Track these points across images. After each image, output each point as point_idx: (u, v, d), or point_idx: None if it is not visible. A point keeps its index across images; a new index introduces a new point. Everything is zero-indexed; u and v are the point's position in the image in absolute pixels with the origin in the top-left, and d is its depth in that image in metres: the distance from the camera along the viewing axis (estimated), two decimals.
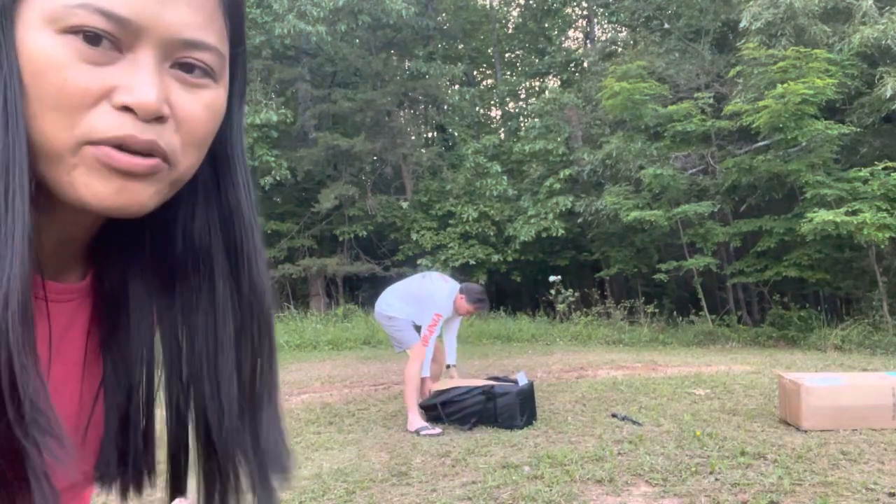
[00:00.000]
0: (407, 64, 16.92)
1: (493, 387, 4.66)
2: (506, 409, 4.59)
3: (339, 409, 5.57)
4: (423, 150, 16.49)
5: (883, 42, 9.70)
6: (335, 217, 15.16)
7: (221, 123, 0.53)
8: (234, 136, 0.56)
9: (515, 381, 4.80)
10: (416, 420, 4.70)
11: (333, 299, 15.39)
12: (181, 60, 0.47)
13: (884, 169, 9.40)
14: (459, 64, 16.93)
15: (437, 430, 4.58)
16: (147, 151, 0.45)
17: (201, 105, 0.48)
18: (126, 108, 0.44)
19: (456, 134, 16.86)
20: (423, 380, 5.03)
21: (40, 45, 0.43)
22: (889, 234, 8.98)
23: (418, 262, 14.32)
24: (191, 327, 0.58)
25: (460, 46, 19.39)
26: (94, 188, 0.45)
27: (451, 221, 14.60)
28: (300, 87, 14.92)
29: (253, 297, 0.57)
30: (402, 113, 17.15)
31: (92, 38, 0.43)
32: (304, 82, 14.95)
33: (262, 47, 13.94)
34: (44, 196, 0.47)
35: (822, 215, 9.07)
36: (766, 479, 3.33)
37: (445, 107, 16.83)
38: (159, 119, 0.45)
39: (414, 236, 14.65)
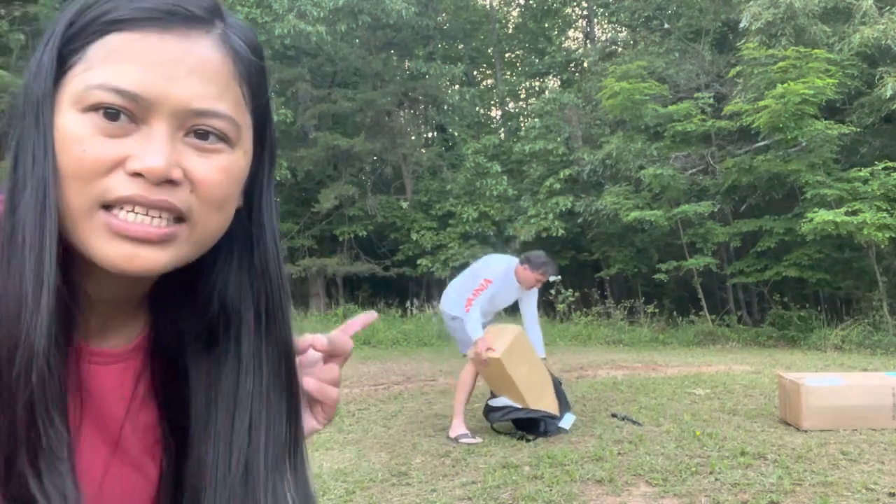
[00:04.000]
0: (407, 64, 16.91)
1: (546, 421, 4.47)
2: (533, 430, 4.48)
3: (339, 409, 5.55)
4: (423, 150, 16.48)
5: (883, 42, 9.70)
6: (335, 217, 15.16)
7: (250, 189, 0.57)
8: (263, 201, 0.59)
9: (559, 417, 4.57)
10: (459, 426, 4.48)
11: (333, 299, 15.39)
12: (196, 128, 0.51)
13: (884, 169, 9.40)
14: (459, 64, 16.90)
15: (478, 438, 4.38)
16: (160, 210, 0.49)
17: (215, 168, 0.52)
18: (137, 174, 0.48)
19: (456, 134, 16.85)
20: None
21: (66, 123, 0.49)
22: (889, 234, 8.98)
23: (418, 262, 14.31)
24: (213, 384, 0.60)
25: (460, 46, 19.38)
26: (105, 251, 0.49)
27: (451, 221, 14.60)
28: (300, 87, 14.91)
29: (278, 358, 0.60)
30: (402, 113, 17.14)
31: (112, 114, 0.48)
32: (304, 82, 14.94)
33: (262, 47, 13.94)
34: (78, 259, 0.51)
35: (822, 215, 9.08)
36: (766, 479, 3.33)
37: (445, 107, 16.81)
38: (171, 182, 0.49)
39: (414, 236, 14.64)
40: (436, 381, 6.94)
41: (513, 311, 5.18)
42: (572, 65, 18.74)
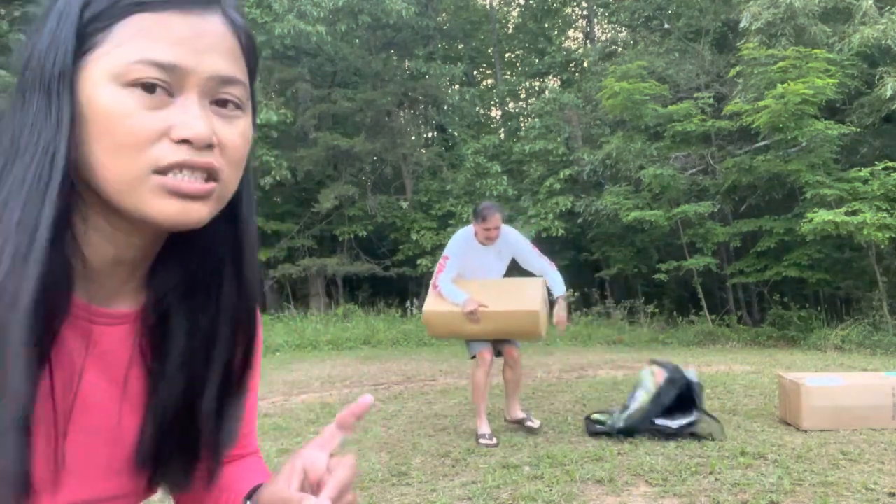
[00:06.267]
0: (407, 64, 16.90)
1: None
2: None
3: (338, 409, 5.51)
4: (423, 150, 16.48)
5: (883, 42, 9.70)
6: (335, 217, 15.15)
7: None
8: (248, 155, 0.66)
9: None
10: (481, 425, 4.40)
11: (333, 299, 15.38)
12: (218, 97, 0.57)
13: (884, 169, 9.40)
14: (459, 64, 16.89)
15: (494, 440, 4.28)
16: (206, 172, 0.56)
17: (237, 132, 0.59)
18: (184, 141, 0.55)
19: (456, 134, 16.84)
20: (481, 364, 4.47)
21: (108, 98, 0.54)
22: (889, 234, 8.98)
23: (418, 262, 14.30)
24: (194, 325, 0.67)
25: (460, 46, 19.38)
26: (161, 208, 0.55)
27: (451, 221, 14.57)
28: (300, 87, 14.90)
29: (249, 298, 0.68)
30: (402, 113, 17.13)
31: (149, 87, 0.54)
32: (304, 82, 14.93)
33: (262, 47, 13.92)
34: (102, 221, 0.58)
35: (822, 215, 9.07)
36: (766, 479, 3.33)
37: (445, 107, 16.80)
38: (209, 147, 0.56)
39: (414, 236, 14.63)
40: (436, 381, 6.94)
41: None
42: (572, 65, 18.73)
